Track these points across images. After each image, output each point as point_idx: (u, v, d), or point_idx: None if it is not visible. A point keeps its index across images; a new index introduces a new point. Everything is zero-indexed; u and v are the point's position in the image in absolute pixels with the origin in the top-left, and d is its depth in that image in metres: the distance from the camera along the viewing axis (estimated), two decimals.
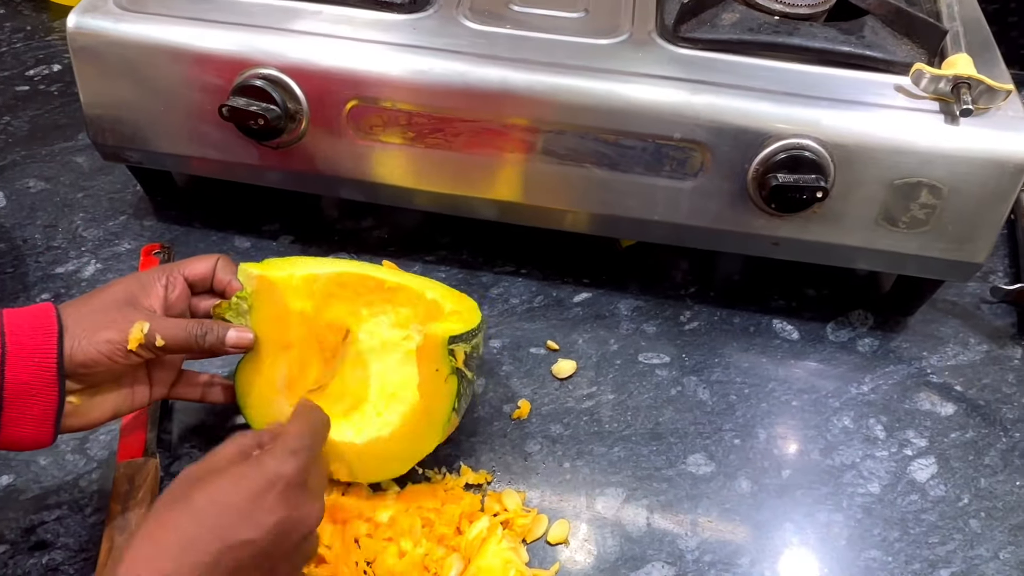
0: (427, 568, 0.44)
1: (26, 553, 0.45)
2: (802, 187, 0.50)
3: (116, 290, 0.44)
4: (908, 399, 0.56)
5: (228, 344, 0.45)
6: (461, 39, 0.53)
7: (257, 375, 0.47)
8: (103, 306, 0.43)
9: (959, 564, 0.48)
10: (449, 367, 0.45)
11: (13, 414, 0.40)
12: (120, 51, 0.54)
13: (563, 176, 0.54)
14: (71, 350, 0.41)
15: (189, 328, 0.44)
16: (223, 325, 0.45)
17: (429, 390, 0.46)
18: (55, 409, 0.41)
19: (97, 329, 0.41)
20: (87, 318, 0.42)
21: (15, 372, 0.39)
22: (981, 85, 0.49)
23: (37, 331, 0.40)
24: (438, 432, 0.46)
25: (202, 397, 0.49)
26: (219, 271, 0.47)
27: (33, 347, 0.40)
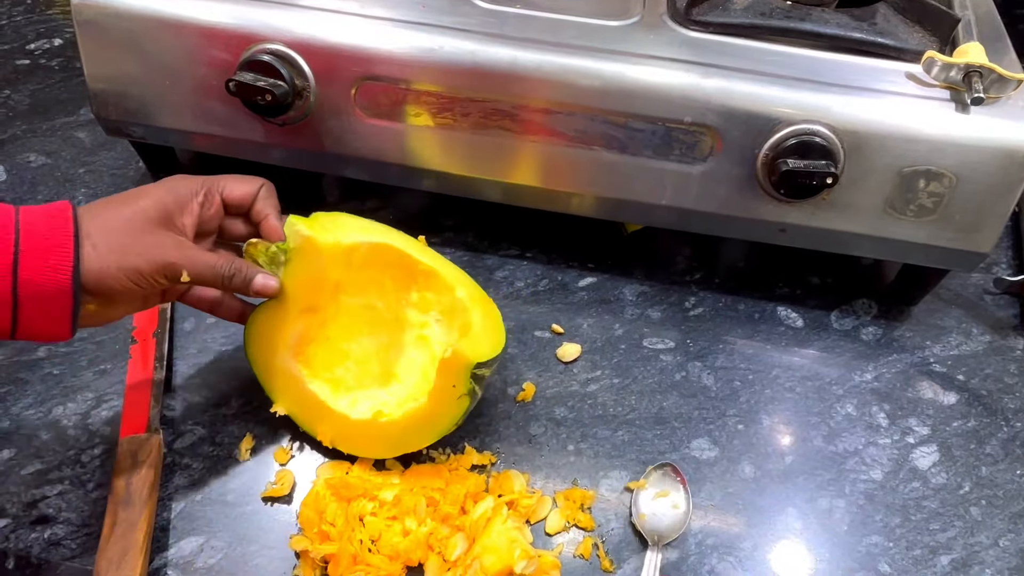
0: (431, 547, 0.44)
1: (28, 527, 0.45)
2: (812, 173, 0.49)
3: (146, 205, 0.42)
4: (911, 388, 0.56)
5: (253, 289, 0.44)
6: (471, 17, 0.53)
7: (272, 327, 0.47)
8: (133, 225, 0.41)
9: (959, 551, 0.48)
10: (467, 388, 0.45)
11: (29, 312, 0.39)
12: (125, 24, 0.53)
13: (571, 158, 0.54)
14: (97, 271, 0.39)
15: (218, 267, 0.43)
16: (252, 269, 0.45)
17: (440, 400, 0.45)
18: (71, 310, 0.39)
19: (126, 255, 0.40)
20: (116, 236, 0.40)
21: (29, 274, 0.38)
22: (993, 74, 0.49)
23: (53, 231, 0.39)
24: (434, 437, 0.46)
25: (211, 309, 0.48)
26: (260, 200, 0.46)
27: (47, 247, 0.38)
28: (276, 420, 0.51)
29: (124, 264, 0.40)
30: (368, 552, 0.44)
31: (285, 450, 0.50)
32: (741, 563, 0.47)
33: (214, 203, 0.45)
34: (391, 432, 0.47)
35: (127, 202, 0.42)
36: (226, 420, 0.51)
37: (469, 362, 0.44)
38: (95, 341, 0.55)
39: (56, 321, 0.40)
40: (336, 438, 0.48)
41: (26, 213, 0.39)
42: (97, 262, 0.39)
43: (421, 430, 0.46)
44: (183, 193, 0.43)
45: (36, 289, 0.38)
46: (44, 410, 0.51)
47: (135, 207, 0.42)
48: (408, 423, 0.46)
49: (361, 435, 0.47)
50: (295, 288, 0.46)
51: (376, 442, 0.47)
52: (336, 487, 0.46)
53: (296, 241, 0.46)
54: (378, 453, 0.48)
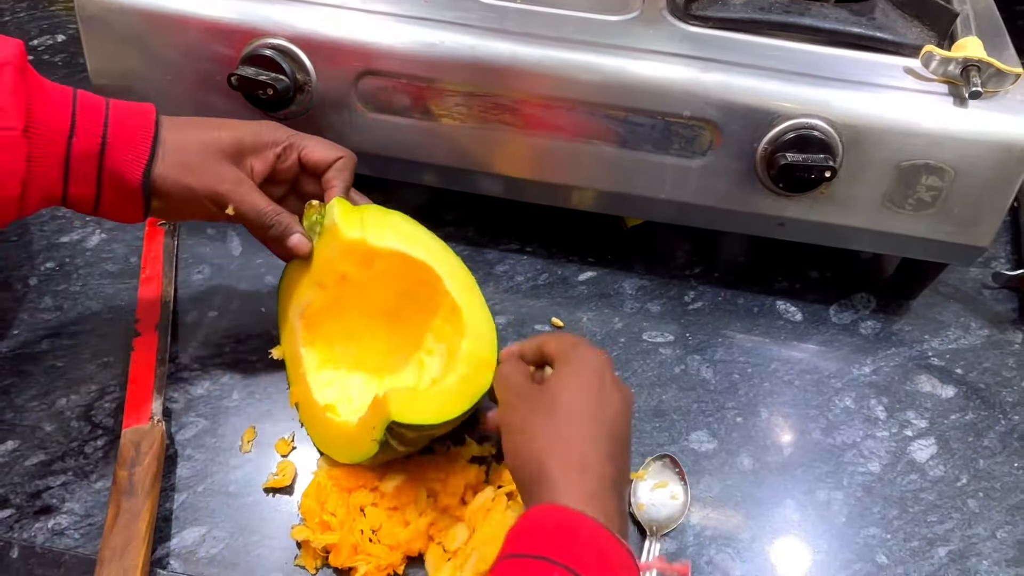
0: (432, 537, 0.45)
1: (32, 517, 0.46)
2: (810, 166, 0.50)
3: (228, 135, 0.46)
4: (909, 381, 0.57)
5: (289, 243, 0.47)
6: (472, 12, 0.53)
7: (295, 282, 0.50)
8: (205, 150, 0.45)
9: (957, 542, 0.48)
10: (379, 437, 0.43)
11: (109, 195, 0.44)
12: (128, 19, 0.54)
13: (571, 153, 0.54)
14: (160, 177, 0.44)
15: (262, 213, 0.46)
16: (292, 226, 0.47)
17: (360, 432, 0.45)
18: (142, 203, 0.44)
19: (187, 172, 0.44)
20: (185, 155, 0.44)
21: (111, 161, 0.43)
22: (991, 68, 0.50)
23: (136, 130, 0.43)
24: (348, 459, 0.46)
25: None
26: (333, 170, 0.48)
27: (129, 143, 0.43)
28: (278, 412, 0.52)
29: (180, 179, 0.44)
30: (369, 542, 0.44)
31: (287, 441, 0.50)
32: (739, 554, 0.47)
33: (290, 158, 0.48)
34: (326, 431, 0.48)
35: (209, 128, 0.46)
36: (228, 412, 0.52)
37: (388, 415, 0.42)
38: (98, 334, 0.55)
39: (130, 207, 0.45)
40: (301, 405, 0.49)
41: (115, 108, 0.44)
42: (161, 170, 0.44)
43: (342, 446, 0.47)
44: (265, 139, 0.47)
45: (115, 178, 0.43)
46: (48, 402, 0.51)
47: (214, 135, 0.45)
48: (336, 434, 0.47)
49: (311, 417, 0.49)
50: (317, 260, 0.49)
51: (316, 430, 0.49)
52: (337, 478, 0.46)
53: (330, 220, 0.48)
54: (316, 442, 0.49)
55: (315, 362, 0.50)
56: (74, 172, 0.42)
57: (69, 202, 0.44)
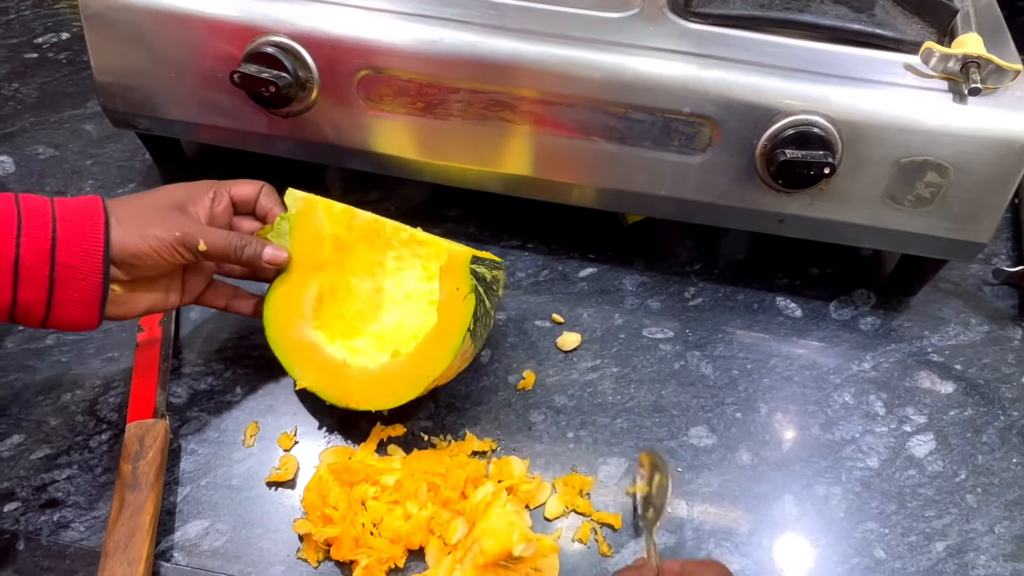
0: (432, 530, 0.45)
1: (37, 510, 0.46)
2: (810, 163, 0.50)
3: (164, 195, 0.47)
4: (908, 377, 0.57)
5: (264, 259, 0.48)
6: (472, 9, 0.53)
7: (286, 295, 0.50)
8: (152, 207, 0.46)
9: (955, 537, 0.48)
10: (469, 286, 0.47)
11: (63, 296, 0.42)
12: (132, 17, 0.54)
13: (571, 149, 0.54)
14: (123, 240, 0.44)
15: (230, 238, 0.47)
16: (261, 241, 0.49)
17: (448, 308, 0.47)
18: (101, 292, 0.43)
19: (147, 224, 0.45)
20: (137, 215, 0.45)
21: (65, 256, 0.42)
22: (991, 65, 0.50)
23: (85, 218, 0.43)
24: (450, 353, 0.46)
25: (227, 306, 0.51)
26: (263, 196, 0.51)
27: (81, 232, 0.42)
28: (280, 407, 0.52)
29: (146, 232, 0.44)
30: (370, 535, 0.45)
31: (289, 436, 0.50)
32: (738, 548, 0.47)
33: (224, 200, 0.49)
34: (412, 365, 0.47)
35: (147, 195, 0.47)
36: (231, 407, 0.52)
37: (464, 258, 0.47)
38: (103, 330, 0.55)
39: (86, 305, 0.43)
40: (362, 398, 0.48)
41: (61, 204, 0.43)
42: (121, 232, 0.44)
43: (439, 348, 0.47)
44: (195, 189, 0.48)
45: (71, 272, 0.42)
46: (53, 396, 0.52)
47: (154, 196, 0.47)
48: (425, 349, 0.47)
49: (386, 382, 0.48)
50: (302, 252, 0.50)
51: (402, 382, 0.47)
52: (339, 472, 0.47)
53: (297, 206, 0.50)
54: (408, 393, 0.47)
55: (348, 353, 0.50)
56: (24, 276, 0.41)
57: (18, 311, 0.42)
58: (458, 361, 0.47)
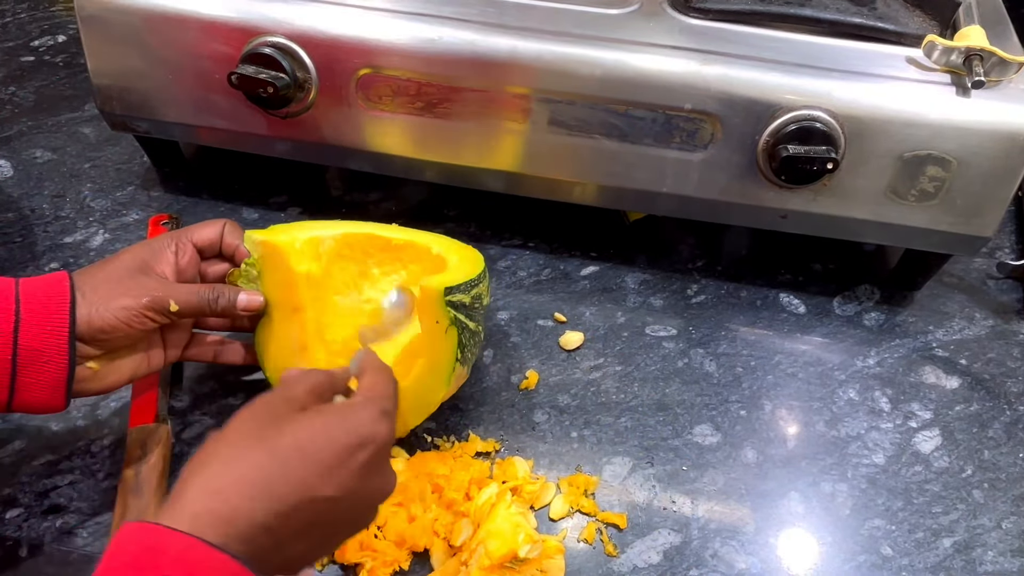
0: (437, 532, 0.45)
1: (40, 516, 0.46)
2: (812, 158, 0.50)
3: (127, 258, 0.44)
4: (913, 372, 0.57)
5: (239, 307, 0.46)
6: (470, 7, 0.53)
7: (271, 338, 0.48)
8: (117, 274, 0.43)
9: (962, 533, 0.48)
10: (448, 318, 0.45)
11: (26, 379, 0.40)
12: (128, 19, 0.54)
13: (572, 147, 0.54)
14: (89, 316, 0.41)
15: (201, 293, 0.45)
16: (234, 289, 0.46)
17: (430, 343, 0.46)
18: (66, 375, 0.41)
19: (113, 296, 0.42)
20: (102, 286, 0.42)
21: (28, 339, 0.40)
22: (993, 57, 0.49)
23: (51, 299, 0.41)
24: (443, 384, 0.46)
25: (215, 357, 0.49)
26: (226, 235, 0.48)
27: (46, 314, 0.40)
28: None
29: (112, 305, 0.42)
30: (374, 538, 0.44)
31: None
32: (744, 547, 0.47)
33: (187, 251, 0.46)
34: (409, 397, 0.46)
35: (110, 260, 0.44)
36: (233, 410, 0.51)
37: (438, 291, 0.44)
38: None
39: (51, 388, 0.41)
40: None
41: (25, 284, 0.41)
42: (87, 308, 0.41)
43: (429, 383, 0.46)
44: (156, 246, 0.46)
45: (35, 355, 0.40)
46: None
47: (117, 261, 0.44)
48: (416, 381, 0.46)
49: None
50: (275, 294, 0.47)
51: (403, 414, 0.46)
52: None
53: (257, 251, 0.47)
54: (411, 422, 0.47)
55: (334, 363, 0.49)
56: None
57: None
58: (453, 385, 0.47)
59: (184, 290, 0.44)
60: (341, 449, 0.33)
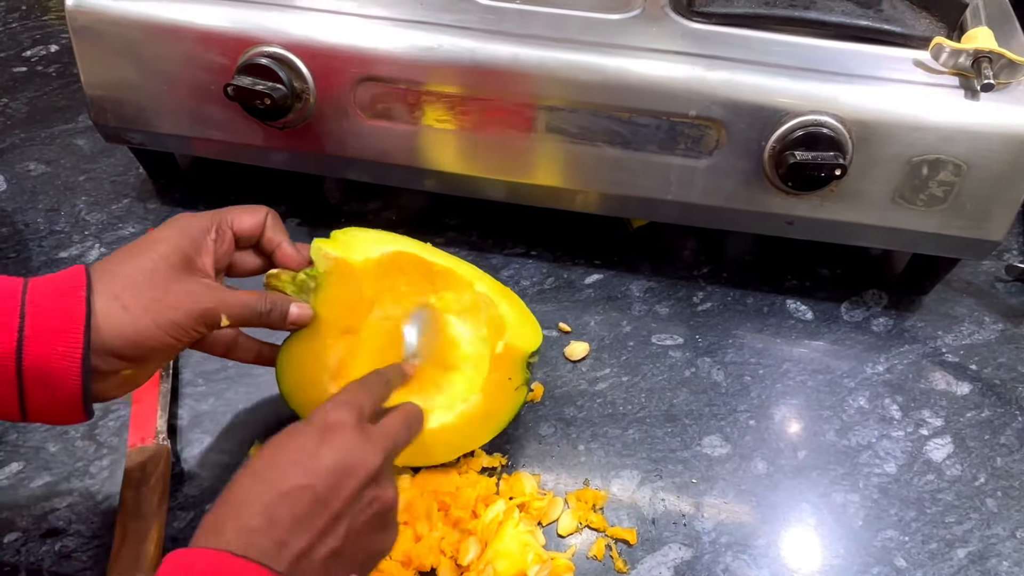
0: (444, 551, 0.44)
1: (38, 540, 0.45)
2: (820, 165, 0.49)
3: (166, 250, 0.39)
4: (923, 379, 0.56)
5: (290, 320, 0.43)
6: (470, 14, 0.52)
7: (310, 356, 0.45)
8: (157, 277, 0.38)
9: (976, 543, 0.47)
10: (523, 379, 0.47)
11: (36, 403, 0.36)
12: (121, 30, 0.53)
13: (575, 155, 0.53)
14: (133, 330, 0.37)
15: (254, 304, 0.41)
16: (286, 300, 0.42)
17: (497, 395, 0.47)
18: (80, 396, 0.36)
19: (159, 309, 0.37)
20: (144, 293, 0.37)
21: (33, 360, 0.35)
22: (1002, 59, 0.48)
23: (62, 311, 0.35)
24: (489, 435, 0.47)
25: (226, 353, 0.46)
26: (268, 230, 0.44)
27: (56, 331, 0.35)
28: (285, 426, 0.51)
29: (161, 321, 0.37)
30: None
31: None
32: (755, 560, 0.46)
33: (226, 238, 0.42)
34: (449, 436, 0.46)
35: (143, 251, 0.39)
36: (234, 427, 0.51)
37: (524, 353, 0.47)
38: None
39: (65, 407, 0.37)
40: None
41: (34, 289, 0.36)
42: (132, 324, 0.37)
43: (480, 428, 0.47)
44: (196, 233, 0.41)
45: (42, 376, 0.36)
46: None
47: (153, 256, 0.38)
48: (465, 423, 0.46)
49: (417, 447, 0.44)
50: (330, 312, 0.44)
51: (435, 449, 0.47)
52: None
53: (326, 264, 0.45)
54: (438, 459, 0.47)
55: None
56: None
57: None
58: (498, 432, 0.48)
59: (237, 304, 0.40)
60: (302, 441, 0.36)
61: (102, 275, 0.37)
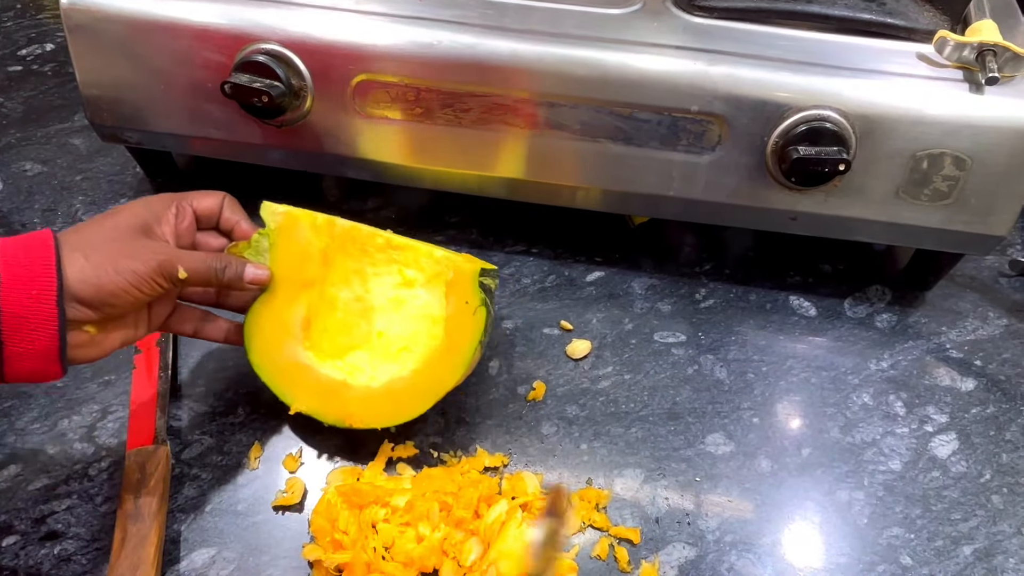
0: (446, 552, 0.44)
1: (37, 544, 0.45)
2: (823, 160, 0.48)
3: (128, 217, 0.43)
4: (928, 375, 0.55)
5: (246, 279, 0.45)
6: (469, 10, 0.51)
7: (272, 316, 0.47)
8: (118, 234, 0.41)
9: (982, 540, 0.47)
10: (479, 299, 0.46)
11: (15, 349, 0.38)
12: (117, 28, 0.52)
13: (576, 152, 0.53)
14: (98, 279, 0.39)
15: (210, 261, 0.43)
16: (241, 260, 0.45)
17: (458, 323, 0.47)
18: (58, 342, 0.38)
19: (119, 258, 0.40)
20: (105, 246, 0.40)
21: (11, 304, 0.37)
22: (1007, 52, 0.48)
23: (33, 260, 0.38)
24: (465, 364, 0.46)
25: (195, 332, 0.48)
26: (226, 209, 0.47)
27: (30, 277, 0.38)
28: (285, 428, 0.51)
29: (121, 268, 0.40)
30: (382, 560, 0.43)
31: (294, 457, 0.49)
32: (760, 559, 0.46)
33: (187, 216, 0.45)
34: (422, 380, 0.47)
35: (105, 219, 0.42)
36: (234, 428, 0.50)
37: (472, 272, 0.46)
38: None
39: (44, 356, 0.39)
40: (366, 416, 0.46)
41: (5, 245, 0.39)
42: (93, 270, 0.39)
43: (451, 362, 0.46)
44: (157, 207, 0.44)
45: (20, 322, 0.37)
46: (49, 424, 0.50)
47: (115, 221, 0.42)
48: (433, 363, 0.47)
49: (393, 399, 0.46)
50: (286, 269, 0.47)
51: (411, 398, 0.47)
52: (347, 494, 0.45)
53: (276, 221, 0.47)
54: (419, 408, 0.47)
55: (344, 372, 0.48)
56: None
57: None
58: (468, 369, 0.47)
59: (194, 257, 0.43)
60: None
61: (67, 237, 0.41)
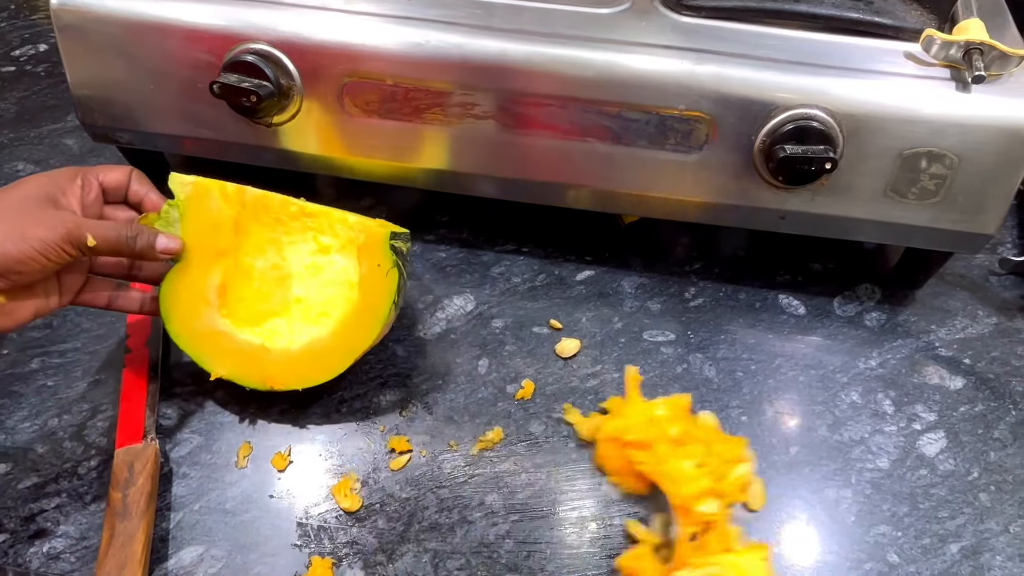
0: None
1: (26, 542, 0.45)
2: (810, 158, 0.48)
3: (30, 188, 0.43)
4: (916, 373, 0.56)
5: (158, 248, 0.45)
6: (457, 10, 0.52)
7: (187, 285, 0.48)
8: (22, 204, 0.42)
9: (969, 538, 0.47)
10: (391, 261, 0.48)
11: None
12: (107, 28, 0.52)
13: (564, 151, 0.53)
14: (3, 247, 0.40)
15: (120, 230, 0.44)
16: (152, 230, 0.46)
17: (371, 285, 0.48)
18: None
19: (25, 227, 0.41)
20: (9, 216, 0.41)
21: None
22: (994, 51, 0.48)
23: None
24: (378, 325, 0.48)
25: (109, 304, 0.48)
26: (134, 182, 0.47)
27: None
28: (274, 426, 0.51)
29: (27, 234, 0.40)
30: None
31: (283, 455, 0.49)
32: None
33: (93, 188, 0.45)
34: (340, 341, 0.48)
35: (10, 190, 0.42)
36: (223, 427, 0.51)
37: (383, 235, 0.48)
38: (88, 351, 0.54)
39: None
40: (287, 378, 0.48)
41: None
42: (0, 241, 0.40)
43: (367, 322, 0.48)
44: (61, 179, 0.44)
45: None
46: (39, 422, 0.50)
47: (20, 191, 0.42)
48: (349, 325, 0.48)
49: (313, 360, 0.48)
50: (198, 238, 0.48)
51: (330, 358, 0.48)
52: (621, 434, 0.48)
53: (185, 191, 0.48)
54: (336, 367, 0.48)
55: (262, 337, 0.49)
56: None
57: None
58: (385, 328, 0.48)
59: (103, 226, 0.43)
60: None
61: None
